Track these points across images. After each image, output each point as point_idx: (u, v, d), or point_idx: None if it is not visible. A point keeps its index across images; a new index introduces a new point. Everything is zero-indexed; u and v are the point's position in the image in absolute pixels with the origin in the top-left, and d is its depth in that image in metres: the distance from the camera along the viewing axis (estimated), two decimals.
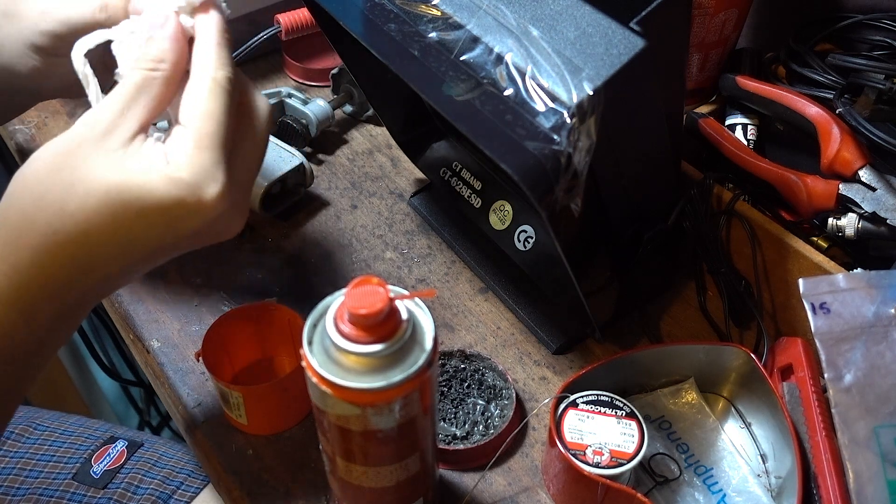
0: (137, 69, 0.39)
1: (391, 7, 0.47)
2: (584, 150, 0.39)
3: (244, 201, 0.41)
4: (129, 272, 0.41)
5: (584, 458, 0.47)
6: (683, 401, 0.55)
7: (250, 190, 0.42)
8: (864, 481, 0.43)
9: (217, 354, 0.54)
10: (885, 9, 0.69)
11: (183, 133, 0.38)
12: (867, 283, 0.47)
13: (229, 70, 0.40)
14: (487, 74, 0.42)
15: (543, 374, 0.59)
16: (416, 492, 0.46)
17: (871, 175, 0.55)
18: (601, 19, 0.41)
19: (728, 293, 0.59)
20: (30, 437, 0.70)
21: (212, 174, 0.38)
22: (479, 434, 0.54)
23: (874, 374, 0.45)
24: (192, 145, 0.38)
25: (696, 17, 0.67)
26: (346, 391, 0.37)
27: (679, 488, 0.51)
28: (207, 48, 0.40)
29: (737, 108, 0.69)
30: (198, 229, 0.39)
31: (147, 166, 0.37)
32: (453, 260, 0.68)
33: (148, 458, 0.69)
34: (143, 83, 0.39)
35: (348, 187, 0.74)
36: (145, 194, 0.37)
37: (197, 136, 0.38)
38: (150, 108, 0.39)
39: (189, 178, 0.37)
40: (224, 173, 0.38)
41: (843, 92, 0.61)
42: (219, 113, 0.38)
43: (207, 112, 0.38)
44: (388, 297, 0.37)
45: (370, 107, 0.80)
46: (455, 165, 0.66)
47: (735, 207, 0.59)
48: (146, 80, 0.39)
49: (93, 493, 0.65)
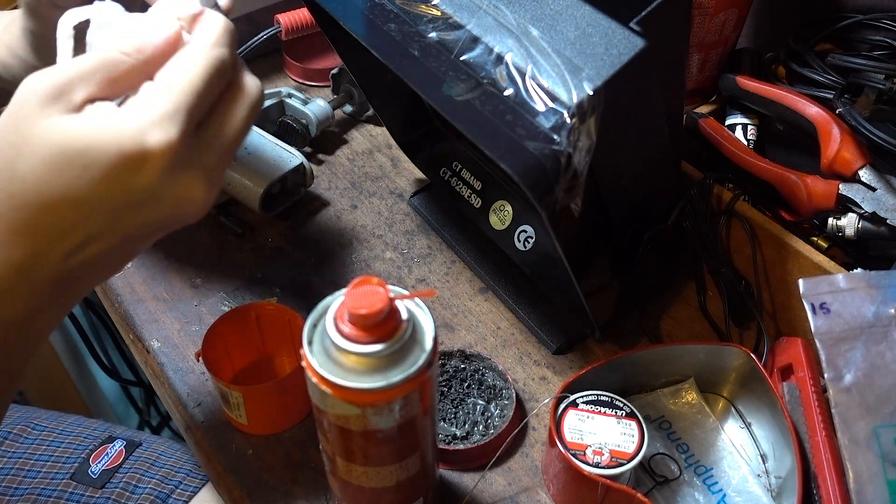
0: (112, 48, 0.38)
1: (391, 7, 0.47)
2: (584, 150, 0.39)
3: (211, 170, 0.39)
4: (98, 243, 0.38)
5: (584, 458, 0.47)
6: (683, 401, 0.55)
7: (224, 163, 0.40)
8: (864, 481, 0.43)
9: (217, 354, 0.54)
10: (885, 9, 0.69)
11: (147, 86, 0.37)
12: (867, 283, 0.47)
13: (224, 51, 0.39)
14: (487, 74, 0.42)
15: (543, 374, 0.59)
16: (416, 492, 0.46)
17: (871, 175, 0.55)
18: (601, 19, 0.41)
19: (728, 293, 0.59)
20: (28, 437, 0.70)
21: (161, 123, 0.36)
22: (479, 434, 0.54)
23: (874, 374, 0.45)
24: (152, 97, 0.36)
25: (696, 17, 0.67)
26: (346, 391, 0.37)
27: (679, 488, 0.51)
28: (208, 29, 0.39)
29: (737, 108, 0.69)
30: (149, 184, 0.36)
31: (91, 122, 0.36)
32: (453, 260, 0.68)
33: (146, 457, 0.69)
34: (110, 61, 0.38)
35: (348, 187, 0.74)
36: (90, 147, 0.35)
37: (160, 89, 0.37)
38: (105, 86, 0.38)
39: (133, 126, 0.35)
40: (178, 126, 0.36)
41: (843, 92, 0.61)
42: (195, 76, 0.37)
43: (183, 71, 0.37)
44: (388, 297, 0.37)
45: (370, 107, 0.80)
46: (455, 165, 0.66)
47: (735, 207, 0.59)
48: (114, 60, 0.38)
49: (91, 492, 0.65)
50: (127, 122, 0.36)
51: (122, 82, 0.38)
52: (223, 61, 0.39)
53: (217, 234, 0.69)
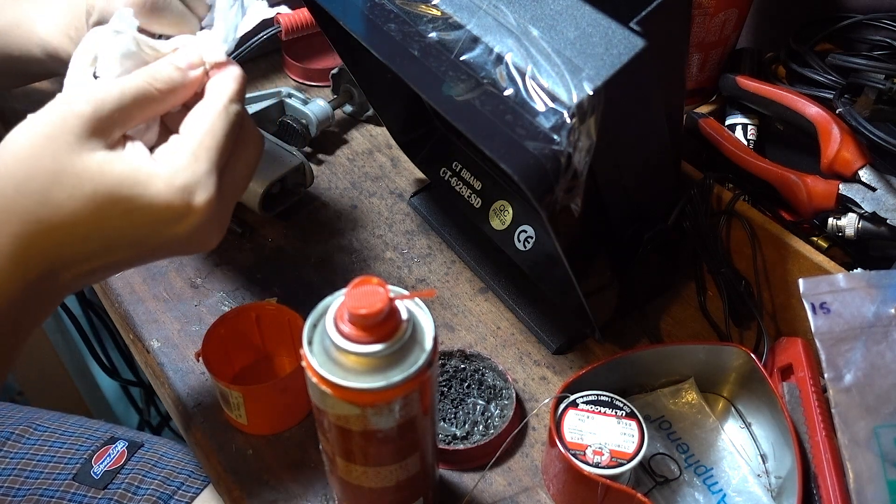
0: (146, 81, 0.40)
1: (391, 7, 0.47)
2: (584, 150, 0.39)
3: (226, 218, 0.43)
4: (107, 269, 0.41)
5: (584, 458, 0.47)
6: (683, 401, 0.55)
7: (232, 210, 0.44)
8: (864, 481, 0.43)
9: (217, 354, 0.54)
10: (885, 9, 0.69)
11: (181, 141, 0.40)
12: (867, 283, 0.47)
13: (240, 107, 0.42)
14: (487, 74, 0.42)
15: (543, 374, 0.59)
16: (416, 492, 0.46)
17: (871, 175, 0.55)
18: (601, 19, 0.41)
19: (728, 293, 0.59)
20: (30, 438, 0.70)
21: (204, 183, 0.39)
22: (479, 434, 0.54)
23: (874, 374, 0.45)
24: (190, 153, 0.39)
25: (696, 17, 0.67)
26: (346, 391, 0.37)
27: (679, 488, 0.51)
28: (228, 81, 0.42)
29: (737, 108, 0.69)
30: (181, 236, 0.40)
31: (137, 167, 0.38)
32: (453, 260, 0.68)
33: (148, 458, 0.69)
34: (147, 97, 0.40)
35: (348, 187, 0.74)
36: (136, 194, 0.38)
37: (196, 146, 0.39)
38: (138, 122, 0.41)
39: (182, 183, 0.38)
40: (215, 185, 0.39)
41: (843, 92, 0.61)
42: (221, 134, 0.40)
43: (211, 129, 0.40)
44: (388, 297, 0.37)
45: (370, 107, 0.80)
46: (455, 165, 0.66)
47: (735, 207, 0.59)
48: (150, 95, 0.40)
49: (93, 493, 0.65)
50: (175, 178, 0.38)
51: (146, 116, 0.41)
52: (239, 117, 0.42)
53: None
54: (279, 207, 0.69)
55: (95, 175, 0.37)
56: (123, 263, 0.41)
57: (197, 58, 0.43)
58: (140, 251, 0.40)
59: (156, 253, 0.41)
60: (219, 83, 0.42)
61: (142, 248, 0.40)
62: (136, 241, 0.40)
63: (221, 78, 0.42)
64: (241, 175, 0.43)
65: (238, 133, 0.42)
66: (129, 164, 0.38)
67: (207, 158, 0.39)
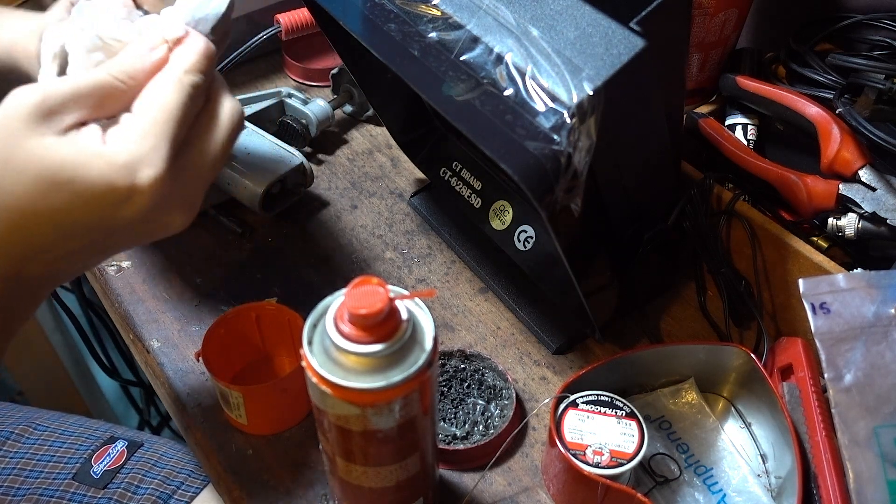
0: (105, 71, 0.39)
1: (391, 7, 0.47)
2: (584, 150, 0.39)
3: (192, 198, 0.41)
4: (74, 259, 0.40)
5: (584, 458, 0.47)
6: (683, 401, 0.55)
7: (202, 188, 0.41)
8: (864, 481, 0.43)
9: (217, 354, 0.54)
10: (885, 9, 0.69)
11: (129, 119, 0.38)
12: (867, 283, 0.47)
13: (199, 77, 0.40)
14: (487, 74, 0.42)
15: (543, 374, 0.59)
16: (416, 492, 0.46)
17: (871, 175, 0.55)
18: (601, 19, 0.41)
19: (728, 293, 0.59)
20: (30, 438, 0.70)
21: (149, 159, 0.37)
22: (479, 434, 0.54)
23: (874, 374, 0.45)
24: (138, 130, 0.37)
25: (696, 17, 0.67)
26: (346, 391, 0.37)
27: (679, 488, 0.51)
28: (185, 53, 0.40)
29: (737, 108, 0.69)
30: (134, 217, 0.38)
31: (81, 149, 0.37)
32: (453, 260, 0.68)
33: (148, 458, 0.69)
34: (104, 86, 0.39)
35: (348, 187, 0.74)
36: (78, 176, 0.36)
37: (143, 122, 0.38)
38: (96, 110, 0.39)
39: (123, 161, 0.37)
40: (165, 162, 0.37)
41: (843, 92, 0.61)
42: (172, 107, 0.38)
43: (160, 103, 0.38)
44: (388, 297, 0.37)
45: (370, 107, 0.80)
46: (455, 165, 0.66)
47: (735, 207, 0.59)
48: (108, 85, 0.39)
49: (93, 493, 0.65)
50: (117, 157, 0.37)
51: (112, 106, 0.39)
52: (197, 88, 0.40)
53: (217, 234, 0.69)
54: (279, 207, 0.69)
55: (39, 159, 0.36)
56: (88, 252, 0.40)
57: (158, 38, 0.41)
58: (97, 237, 0.39)
59: (115, 238, 0.40)
60: (176, 56, 0.40)
61: (97, 234, 0.39)
62: (88, 227, 0.38)
63: (179, 51, 0.40)
64: (210, 150, 0.41)
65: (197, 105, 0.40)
66: (74, 147, 0.37)
67: (155, 133, 0.37)
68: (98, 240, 0.39)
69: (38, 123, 0.37)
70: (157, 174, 0.37)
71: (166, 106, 0.38)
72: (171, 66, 0.40)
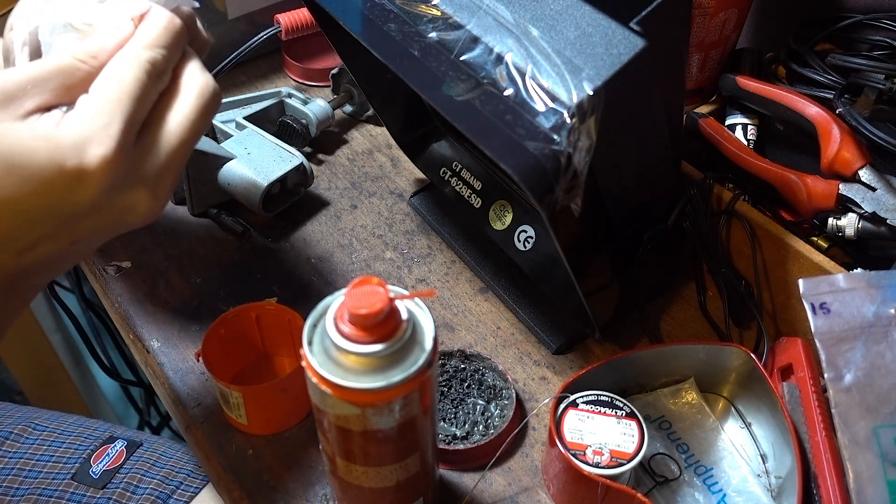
0: (68, 54, 0.38)
1: (391, 7, 0.47)
2: (584, 150, 0.39)
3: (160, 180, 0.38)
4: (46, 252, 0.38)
5: (584, 458, 0.47)
6: (683, 401, 0.55)
7: (172, 170, 0.39)
8: (864, 481, 0.43)
9: (217, 354, 0.54)
10: (885, 9, 0.69)
11: (83, 99, 0.37)
12: (867, 283, 0.47)
13: (158, 52, 0.38)
14: (487, 74, 0.42)
15: (543, 374, 0.59)
16: (416, 492, 0.46)
17: (871, 175, 0.55)
18: (601, 19, 0.41)
19: (728, 293, 0.59)
20: (29, 438, 0.70)
21: (98, 138, 0.35)
22: (479, 434, 0.54)
23: (874, 374, 0.45)
24: (88, 110, 0.36)
25: (696, 17, 0.67)
26: (346, 391, 0.37)
27: (679, 488, 0.51)
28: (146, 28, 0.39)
29: (737, 108, 0.69)
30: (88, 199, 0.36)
31: (34, 132, 0.35)
32: (453, 260, 0.68)
33: (147, 457, 0.69)
34: (65, 68, 0.37)
35: (348, 187, 0.74)
36: (27, 159, 0.35)
37: (96, 101, 0.36)
38: (58, 94, 0.37)
39: (71, 141, 0.35)
40: (115, 140, 0.35)
41: (843, 92, 0.61)
42: (128, 83, 0.37)
43: (116, 81, 0.37)
44: (388, 297, 0.37)
45: (370, 107, 0.80)
46: (455, 165, 0.66)
47: (735, 207, 0.59)
48: (70, 66, 0.37)
49: (92, 492, 0.65)
50: (64, 138, 0.35)
51: (77, 88, 0.38)
52: (156, 64, 0.38)
53: (217, 234, 0.69)
54: (279, 207, 0.69)
55: None
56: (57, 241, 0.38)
57: (124, 17, 0.39)
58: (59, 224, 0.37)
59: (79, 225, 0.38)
60: (137, 33, 0.38)
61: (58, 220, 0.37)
62: (47, 213, 0.36)
63: (141, 27, 0.39)
64: (175, 129, 0.38)
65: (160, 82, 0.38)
66: (27, 131, 0.35)
67: (108, 112, 0.35)
68: (61, 227, 0.37)
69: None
70: (106, 152, 0.35)
71: (121, 83, 0.36)
72: (131, 42, 0.38)
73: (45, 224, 0.37)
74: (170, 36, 0.39)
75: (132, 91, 0.37)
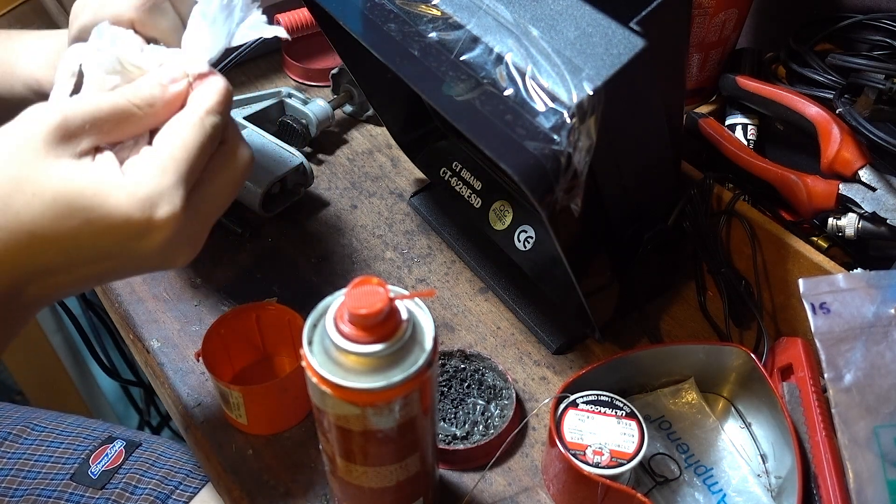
0: (124, 97, 0.39)
1: (391, 7, 0.47)
2: (584, 150, 0.39)
3: (199, 236, 0.41)
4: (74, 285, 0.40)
5: (584, 458, 0.47)
6: (683, 401, 0.55)
7: (208, 227, 0.42)
8: (864, 481, 0.43)
9: (217, 354, 0.54)
10: (885, 9, 0.69)
11: (150, 153, 0.38)
12: (867, 283, 0.47)
13: (218, 119, 0.40)
14: (487, 74, 0.42)
15: (543, 374, 0.59)
16: (416, 492, 0.46)
17: (871, 175, 0.55)
18: (601, 19, 0.41)
19: (728, 293, 0.59)
20: (27, 438, 0.70)
21: (168, 196, 0.37)
22: (479, 434, 0.54)
23: (874, 374, 0.45)
24: (158, 165, 0.38)
25: (696, 17, 0.67)
26: (346, 391, 0.37)
27: (679, 488, 0.51)
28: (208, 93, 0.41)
29: (737, 108, 0.69)
30: (148, 251, 0.38)
31: (100, 177, 0.37)
32: (453, 260, 0.68)
33: (146, 457, 0.69)
34: (122, 112, 0.39)
35: (348, 187, 0.74)
36: (96, 204, 0.36)
37: (164, 159, 0.38)
38: (112, 135, 0.39)
39: (143, 195, 0.37)
40: (181, 199, 0.38)
41: (843, 92, 0.61)
42: (192, 146, 0.39)
43: (182, 142, 0.38)
44: (388, 297, 0.37)
45: (370, 107, 0.80)
46: (455, 165, 0.66)
47: (735, 207, 0.59)
48: (126, 111, 0.39)
49: (91, 493, 0.65)
50: (137, 190, 0.37)
51: (127, 132, 0.40)
52: (217, 130, 0.40)
53: (217, 234, 0.69)
54: (279, 207, 0.69)
55: (57, 182, 0.36)
56: (91, 279, 0.40)
57: (180, 72, 0.41)
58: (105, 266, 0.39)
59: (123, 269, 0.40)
60: (198, 95, 0.41)
61: (107, 263, 0.39)
62: (99, 256, 0.38)
63: (202, 89, 0.41)
64: (220, 192, 0.41)
65: (218, 147, 0.41)
66: (93, 174, 0.37)
67: (175, 171, 0.38)
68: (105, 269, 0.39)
69: (55, 145, 0.37)
70: (174, 211, 0.37)
71: (186, 144, 0.38)
72: (193, 104, 0.40)
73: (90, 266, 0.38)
74: (227, 104, 0.41)
75: (196, 154, 0.39)
